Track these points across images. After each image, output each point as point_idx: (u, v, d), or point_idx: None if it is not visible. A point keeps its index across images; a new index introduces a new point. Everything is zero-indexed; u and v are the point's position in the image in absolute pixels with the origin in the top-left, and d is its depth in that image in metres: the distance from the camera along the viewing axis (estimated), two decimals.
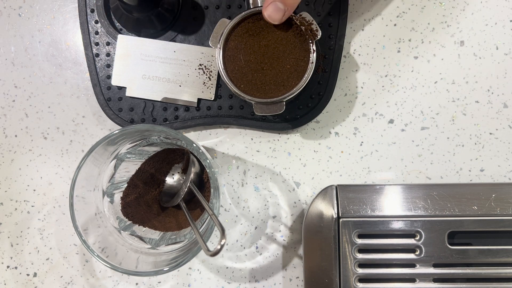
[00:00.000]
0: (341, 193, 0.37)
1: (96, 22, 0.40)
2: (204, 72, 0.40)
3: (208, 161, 0.33)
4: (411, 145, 0.40)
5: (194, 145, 0.33)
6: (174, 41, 0.40)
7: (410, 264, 0.36)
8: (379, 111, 0.41)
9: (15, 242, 0.42)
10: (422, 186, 0.37)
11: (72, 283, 0.41)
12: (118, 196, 0.38)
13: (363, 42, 0.41)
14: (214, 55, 0.37)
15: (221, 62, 0.36)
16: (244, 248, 0.40)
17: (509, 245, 0.36)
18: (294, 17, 0.35)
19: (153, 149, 0.39)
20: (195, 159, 0.39)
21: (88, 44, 0.40)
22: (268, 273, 0.40)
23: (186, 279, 0.40)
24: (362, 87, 0.41)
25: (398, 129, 0.40)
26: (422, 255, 0.36)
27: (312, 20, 0.35)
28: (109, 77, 0.40)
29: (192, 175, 0.38)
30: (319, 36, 0.35)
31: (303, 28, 0.35)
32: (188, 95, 0.40)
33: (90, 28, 0.40)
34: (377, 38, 0.41)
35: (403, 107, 0.40)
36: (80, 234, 0.33)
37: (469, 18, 0.40)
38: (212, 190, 0.35)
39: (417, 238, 0.36)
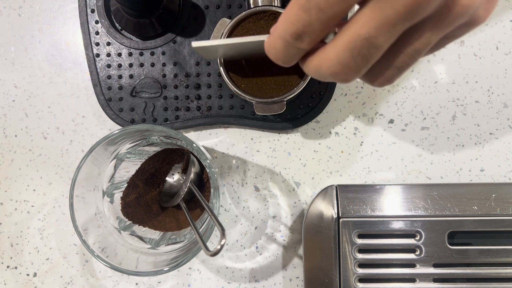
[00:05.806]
0: (341, 193, 0.37)
1: (97, 22, 0.40)
2: None
3: (208, 161, 0.33)
4: (411, 145, 0.40)
5: (194, 145, 0.33)
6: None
7: (410, 264, 0.36)
8: (379, 111, 0.41)
9: (15, 242, 0.42)
10: (422, 186, 0.37)
11: (72, 283, 0.41)
12: (118, 196, 0.38)
13: None
14: None
15: (222, 62, 0.36)
16: (244, 248, 0.40)
17: (509, 245, 0.36)
18: None
19: (153, 149, 0.39)
20: (195, 159, 0.39)
21: (88, 44, 0.40)
22: (268, 273, 0.40)
23: (186, 279, 0.40)
24: (362, 87, 0.41)
25: (398, 129, 0.40)
26: (422, 255, 0.36)
27: None
28: (109, 77, 0.40)
29: (192, 175, 0.38)
30: None
31: None
32: None
33: (90, 28, 0.40)
34: None
35: (403, 107, 0.40)
36: (80, 234, 0.33)
37: None
38: (212, 190, 0.35)
39: (417, 238, 0.36)
